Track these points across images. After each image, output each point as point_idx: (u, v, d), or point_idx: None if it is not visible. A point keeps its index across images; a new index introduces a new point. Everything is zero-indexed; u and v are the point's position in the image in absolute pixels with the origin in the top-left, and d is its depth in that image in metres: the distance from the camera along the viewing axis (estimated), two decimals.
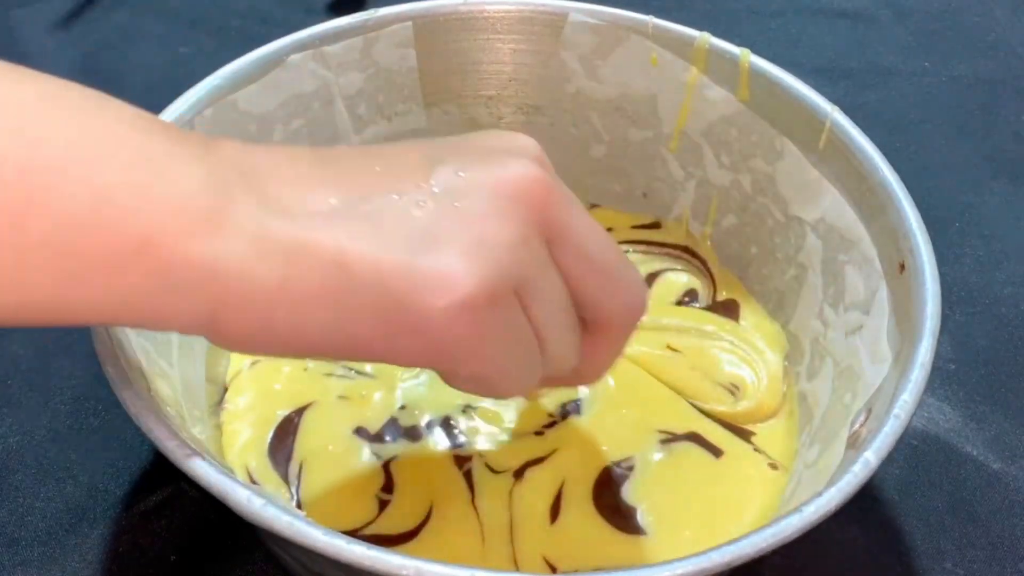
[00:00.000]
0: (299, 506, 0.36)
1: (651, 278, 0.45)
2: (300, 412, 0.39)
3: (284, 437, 0.38)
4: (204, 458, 0.27)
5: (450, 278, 0.24)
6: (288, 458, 0.37)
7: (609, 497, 0.37)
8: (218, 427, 0.38)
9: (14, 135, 0.20)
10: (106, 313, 0.23)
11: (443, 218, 0.25)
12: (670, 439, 0.38)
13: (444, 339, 0.25)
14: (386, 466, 0.37)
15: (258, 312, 0.24)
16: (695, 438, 0.39)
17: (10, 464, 0.39)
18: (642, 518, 0.36)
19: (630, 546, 0.35)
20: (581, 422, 0.39)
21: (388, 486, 0.37)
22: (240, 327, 0.24)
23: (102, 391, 0.41)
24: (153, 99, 0.26)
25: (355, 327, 0.24)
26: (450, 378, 0.28)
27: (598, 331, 0.30)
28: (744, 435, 0.39)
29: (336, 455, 0.37)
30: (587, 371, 0.31)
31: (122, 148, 0.22)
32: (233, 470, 0.37)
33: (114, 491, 0.38)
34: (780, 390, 0.40)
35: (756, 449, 0.38)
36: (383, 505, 0.36)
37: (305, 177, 0.25)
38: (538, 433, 0.38)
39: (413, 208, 0.25)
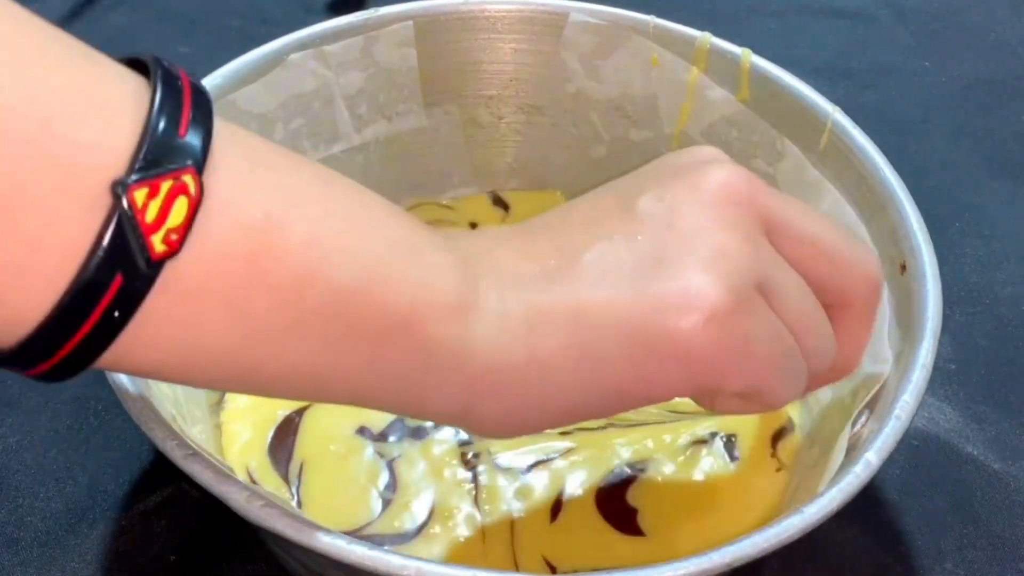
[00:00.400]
0: (299, 506, 0.36)
1: None
2: (301, 412, 0.39)
3: (284, 437, 0.38)
4: (204, 458, 0.27)
5: (691, 294, 0.24)
6: (288, 457, 0.37)
7: (614, 500, 0.37)
8: (218, 427, 0.38)
9: (301, 210, 0.22)
10: (364, 388, 0.24)
11: (663, 244, 0.25)
12: (692, 442, 0.38)
13: (701, 357, 0.24)
14: (390, 465, 0.37)
15: (512, 388, 0.24)
16: (714, 441, 0.38)
17: (10, 464, 0.39)
18: (643, 520, 0.36)
19: (631, 546, 0.35)
20: (596, 421, 0.39)
21: (392, 485, 0.37)
22: (496, 408, 0.24)
23: (102, 391, 0.41)
24: None
25: (609, 375, 0.24)
26: (717, 400, 0.27)
27: (843, 312, 0.29)
28: (768, 442, 0.39)
29: (338, 454, 0.37)
30: (843, 358, 0.30)
31: (386, 231, 0.23)
32: (233, 470, 0.36)
33: (114, 491, 0.38)
34: None
35: (774, 454, 0.38)
36: (386, 504, 0.36)
37: (523, 250, 0.25)
38: (564, 433, 0.38)
39: (630, 245, 0.25)
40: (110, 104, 0.19)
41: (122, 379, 0.29)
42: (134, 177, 0.19)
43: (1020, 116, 0.59)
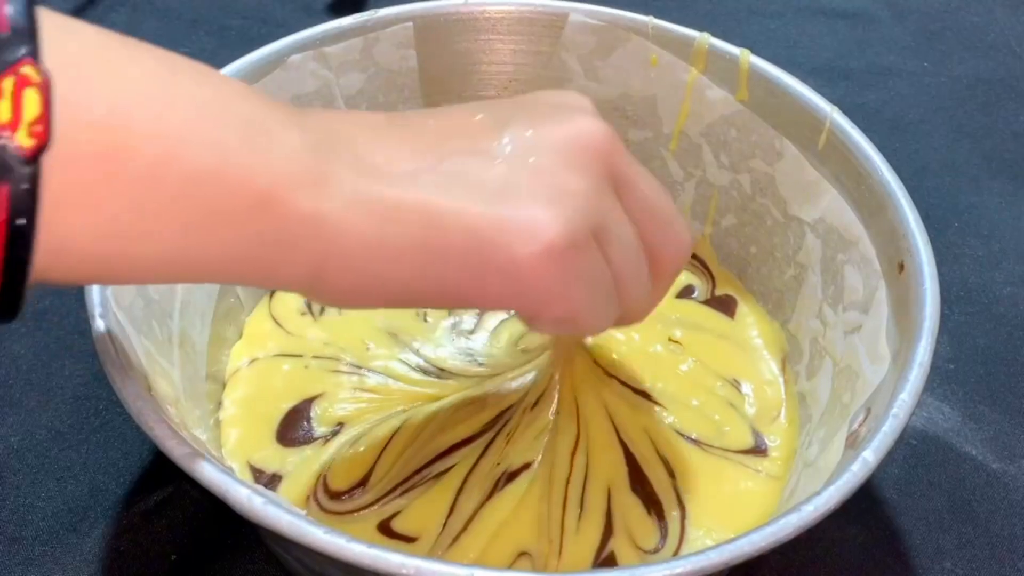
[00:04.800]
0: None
1: None
2: (309, 402, 0.39)
3: (297, 422, 0.38)
4: (204, 457, 0.27)
5: (535, 226, 0.26)
6: (308, 435, 0.38)
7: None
8: (218, 425, 0.38)
9: (147, 100, 0.22)
10: (225, 266, 0.25)
11: (520, 173, 0.27)
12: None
13: (531, 283, 0.26)
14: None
15: (359, 265, 0.25)
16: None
17: (11, 463, 0.39)
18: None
19: None
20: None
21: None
22: (343, 280, 0.26)
23: (103, 391, 0.41)
24: None
25: (449, 274, 0.26)
26: (534, 320, 0.29)
27: (652, 270, 0.31)
28: (760, 451, 0.39)
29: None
30: (638, 313, 0.33)
31: (234, 113, 0.24)
32: (233, 467, 0.37)
33: (115, 490, 0.38)
34: (780, 389, 0.40)
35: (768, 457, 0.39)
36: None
37: (385, 140, 0.27)
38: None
39: (490, 165, 0.27)
40: None
41: (122, 378, 0.29)
42: None
43: (1019, 116, 0.59)
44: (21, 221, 0.20)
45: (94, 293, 0.31)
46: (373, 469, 0.37)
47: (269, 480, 0.37)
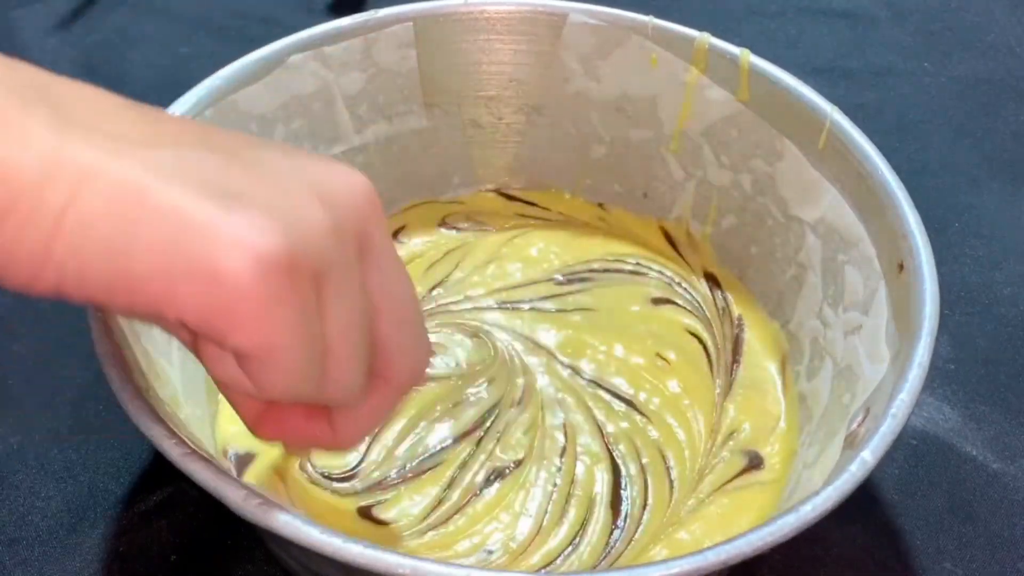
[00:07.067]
0: None
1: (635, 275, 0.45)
2: None
3: None
4: (201, 456, 0.27)
5: (251, 230, 0.22)
6: None
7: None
8: (217, 418, 0.38)
9: None
10: None
11: (258, 183, 0.23)
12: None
13: (228, 292, 0.22)
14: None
15: (39, 231, 0.22)
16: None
17: (11, 464, 0.39)
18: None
19: None
20: None
21: None
22: (21, 244, 0.22)
23: (103, 391, 0.41)
24: (153, 99, 0.26)
25: (136, 262, 0.22)
26: (222, 341, 0.24)
27: (376, 384, 0.27)
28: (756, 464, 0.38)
29: None
30: (349, 429, 0.28)
31: None
32: (231, 468, 0.37)
33: (114, 491, 0.38)
34: (778, 398, 0.40)
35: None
36: None
37: (113, 109, 0.24)
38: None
39: (228, 166, 0.23)
40: None
41: (121, 378, 0.29)
42: None
43: (1019, 116, 0.59)
44: None
45: None
46: (360, 465, 0.37)
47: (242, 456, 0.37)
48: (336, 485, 0.37)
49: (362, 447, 0.38)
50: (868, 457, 0.29)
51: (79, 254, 0.22)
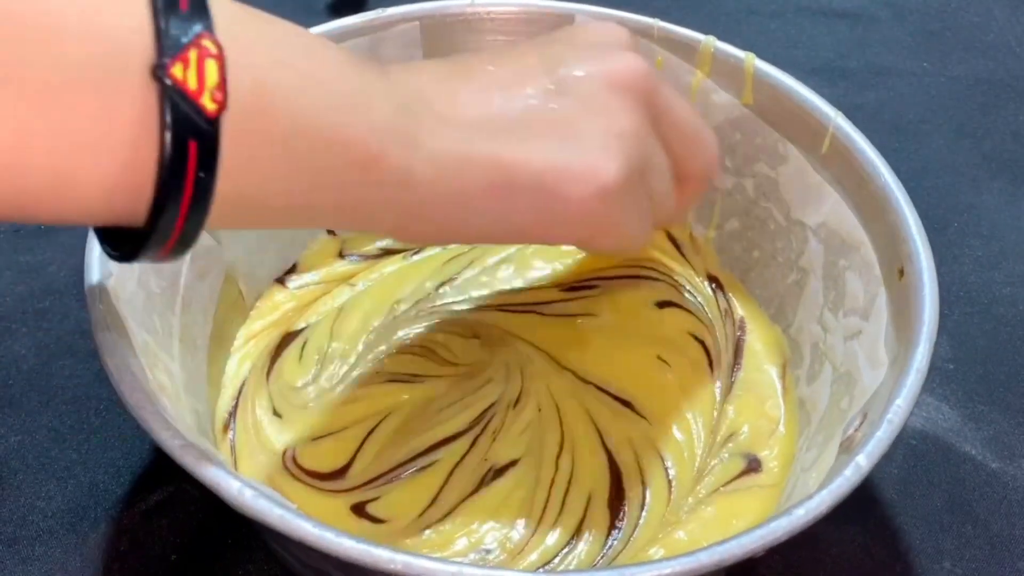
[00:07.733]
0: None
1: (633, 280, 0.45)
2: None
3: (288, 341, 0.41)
4: (197, 449, 0.27)
5: (590, 170, 0.30)
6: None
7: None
8: (216, 412, 0.38)
9: (286, 71, 0.25)
10: (334, 215, 0.29)
11: (575, 118, 0.30)
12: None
13: (587, 220, 0.30)
14: None
15: (439, 213, 0.29)
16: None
17: (11, 463, 0.39)
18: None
19: None
20: None
21: None
22: (424, 228, 0.30)
23: (103, 390, 0.41)
24: None
25: (515, 217, 0.30)
26: (586, 247, 0.39)
27: (683, 183, 0.35)
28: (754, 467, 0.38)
29: None
30: (674, 217, 0.37)
31: (345, 82, 0.27)
32: (228, 463, 0.37)
33: (115, 490, 0.38)
34: (778, 402, 0.40)
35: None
36: None
37: (454, 93, 0.29)
38: None
39: (548, 112, 0.30)
40: None
41: (120, 370, 0.29)
42: (165, 59, 0.22)
43: (1019, 116, 0.59)
44: (203, 175, 0.23)
45: (94, 285, 0.31)
46: (353, 462, 0.37)
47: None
48: (333, 483, 0.37)
49: (358, 445, 0.38)
50: (863, 462, 0.29)
51: (472, 223, 0.30)
